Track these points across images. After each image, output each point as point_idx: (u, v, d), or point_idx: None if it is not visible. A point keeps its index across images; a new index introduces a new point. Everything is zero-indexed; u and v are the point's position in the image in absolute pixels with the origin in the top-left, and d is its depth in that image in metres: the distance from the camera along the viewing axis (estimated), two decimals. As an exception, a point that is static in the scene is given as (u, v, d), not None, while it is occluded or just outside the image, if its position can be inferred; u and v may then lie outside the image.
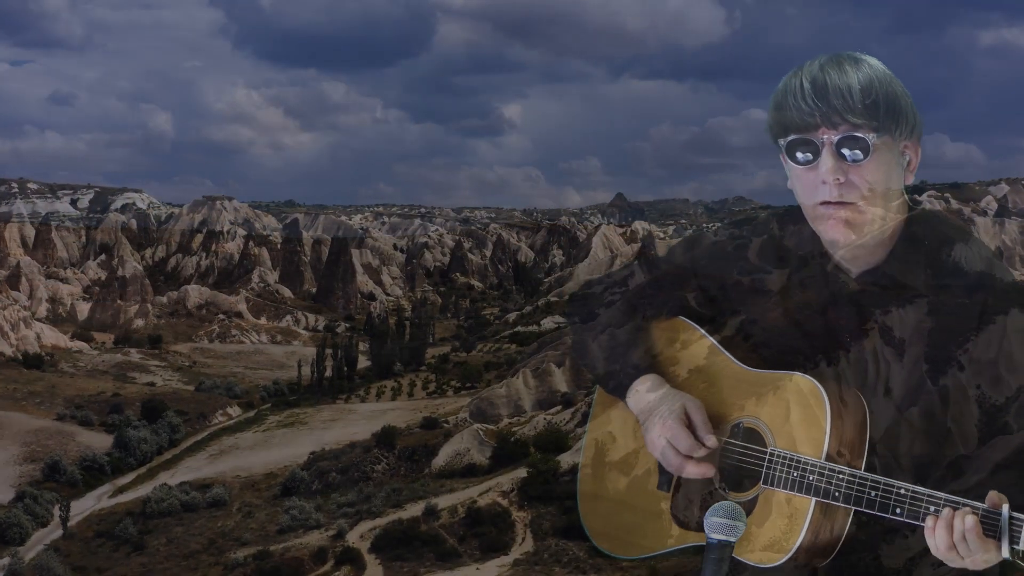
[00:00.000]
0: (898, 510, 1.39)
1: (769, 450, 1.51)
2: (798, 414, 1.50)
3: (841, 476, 1.43)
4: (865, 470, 1.45)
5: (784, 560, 1.45)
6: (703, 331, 1.70)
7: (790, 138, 1.53)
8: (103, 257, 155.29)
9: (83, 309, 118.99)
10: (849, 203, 1.52)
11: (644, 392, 1.67)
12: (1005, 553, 1.29)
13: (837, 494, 1.43)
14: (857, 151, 1.49)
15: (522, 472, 39.42)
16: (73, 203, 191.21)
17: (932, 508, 1.36)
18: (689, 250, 1.86)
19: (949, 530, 1.35)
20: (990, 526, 1.31)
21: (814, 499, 1.44)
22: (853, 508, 1.43)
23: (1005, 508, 1.30)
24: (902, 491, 1.39)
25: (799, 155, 1.53)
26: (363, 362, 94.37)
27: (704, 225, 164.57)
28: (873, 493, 1.40)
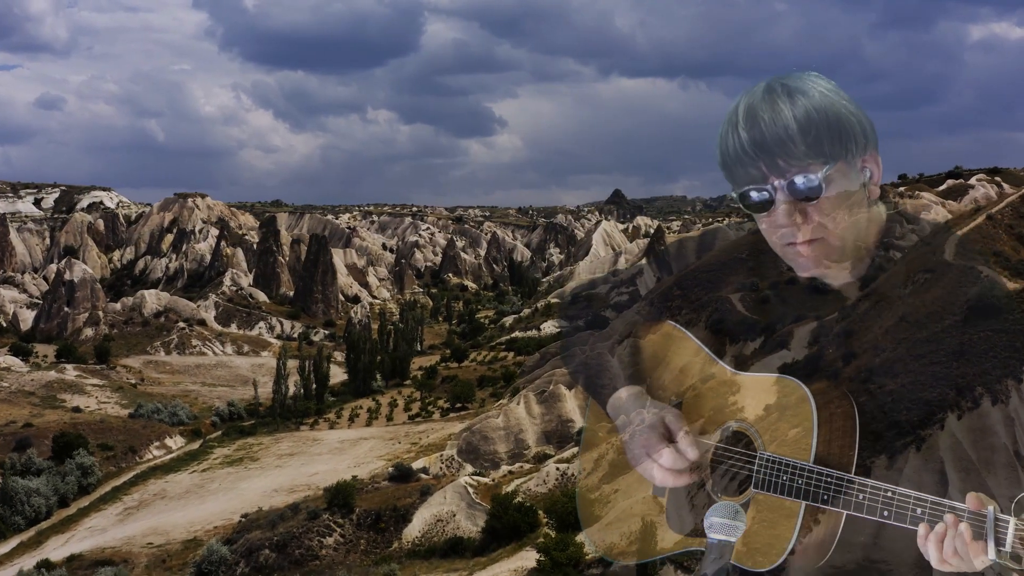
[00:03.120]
0: (885, 512, 1.36)
1: (759, 454, 1.49)
2: (786, 418, 1.47)
3: (830, 479, 1.41)
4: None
5: (778, 563, 1.45)
6: (689, 333, 1.63)
7: (741, 190, 1.48)
8: (67, 260, 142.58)
9: (28, 318, 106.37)
10: (814, 239, 1.47)
11: (622, 403, 1.61)
12: (991, 555, 1.28)
13: (826, 497, 1.41)
14: (810, 190, 1.44)
15: (529, 558, 27.12)
16: (37, 203, 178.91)
17: (919, 511, 1.34)
18: (707, 245, 1.73)
19: (940, 543, 1.32)
20: (976, 529, 1.30)
21: (804, 502, 1.43)
22: (844, 512, 1.42)
23: (990, 510, 1.29)
24: (889, 494, 1.36)
25: (753, 203, 1.48)
26: (341, 375, 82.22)
27: (712, 220, 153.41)
28: (861, 496, 1.38)
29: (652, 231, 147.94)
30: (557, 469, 34.06)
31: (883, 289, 1.49)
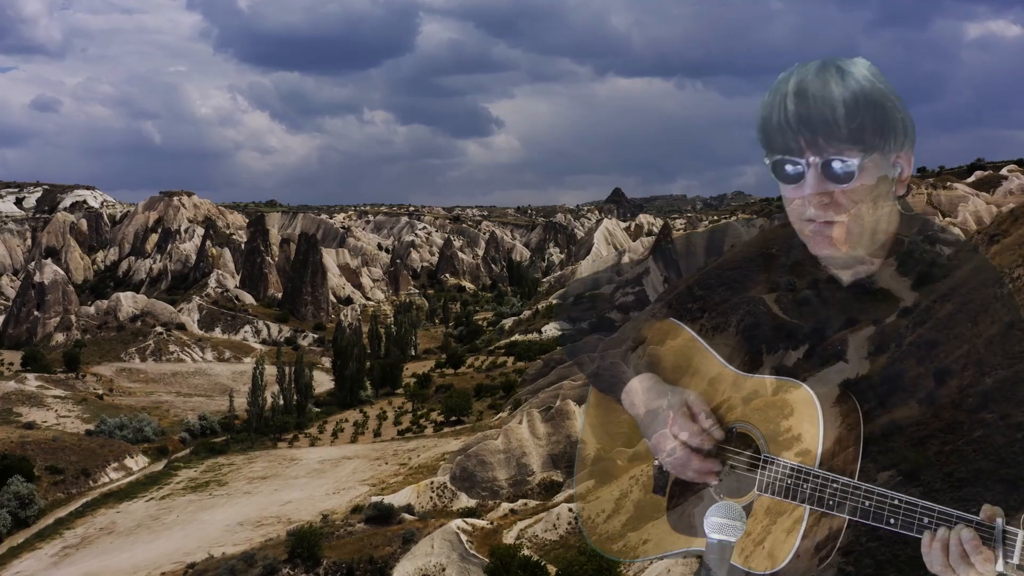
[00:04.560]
0: (892, 520, 1.32)
1: (763, 456, 1.46)
2: (791, 420, 1.44)
3: (835, 484, 1.37)
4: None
5: (780, 567, 1.42)
6: (693, 332, 1.57)
7: (776, 158, 1.46)
8: (38, 261, 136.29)
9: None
10: (835, 222, 1.44)
11: (642, 392, 1.56)
12: (999, 566, 1.25)
13: (831, 502, 1.37)
14: (843, 174, 1.42)
15: (538, 638, 20.94)
16: (18, 202, 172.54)
17: (926, 520, 1.30)
18: (717, 242, 1.67)
19: (945, 550, 1.27)
20: (985, 540, 1.26)
21: (808, 506, 1.40)
22: (848, 518, 1.37)
23: (999, 521, 1.25)
24: (896, 501, 1.32)
25: (785, 174, 1.46)
26: (328, 382, 76.08)
27: (718, 218, 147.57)
28: (867, 503, 1.34)
29: (656, 229, 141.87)
30: (570, 511, 27.88)
31: (964, 289, 1.33)
